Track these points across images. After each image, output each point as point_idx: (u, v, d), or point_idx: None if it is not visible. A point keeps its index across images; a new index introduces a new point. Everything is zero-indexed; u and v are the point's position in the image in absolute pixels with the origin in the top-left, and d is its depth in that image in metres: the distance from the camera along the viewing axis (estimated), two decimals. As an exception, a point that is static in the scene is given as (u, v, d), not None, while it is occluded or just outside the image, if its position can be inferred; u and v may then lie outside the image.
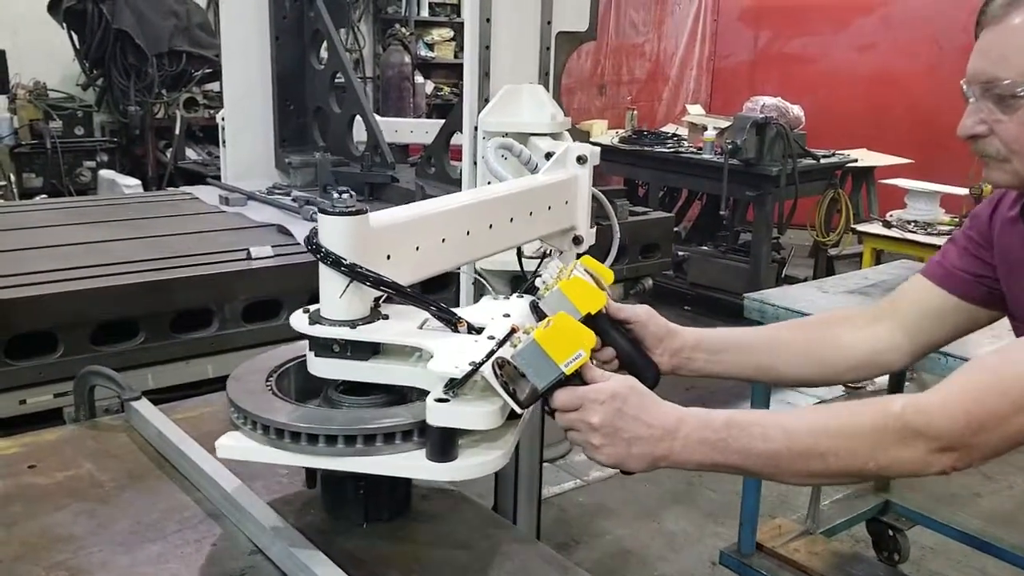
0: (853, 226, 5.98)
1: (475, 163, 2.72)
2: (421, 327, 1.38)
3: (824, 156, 6.52)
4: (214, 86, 6.55)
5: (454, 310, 1.38)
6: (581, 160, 1.83)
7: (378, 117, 3.94)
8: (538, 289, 1.49)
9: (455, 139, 3.30)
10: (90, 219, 3.10)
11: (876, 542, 3.78)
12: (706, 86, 9.42)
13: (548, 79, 2.94)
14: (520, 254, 2.03)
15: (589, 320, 1.42)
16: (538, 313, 1.45)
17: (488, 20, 2.79)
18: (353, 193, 3.16)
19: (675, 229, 7.10)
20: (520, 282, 2.68)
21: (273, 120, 3.93)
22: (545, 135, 2.57)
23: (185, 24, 6.87)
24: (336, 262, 1.27)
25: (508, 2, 2.80)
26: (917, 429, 1.22)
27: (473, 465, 1.27)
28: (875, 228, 5.40)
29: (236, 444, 1.33)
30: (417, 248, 1.42)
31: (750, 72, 9.27)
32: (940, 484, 4.38)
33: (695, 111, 7.44)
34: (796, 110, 6.34)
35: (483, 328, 1.35)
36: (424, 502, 1.60)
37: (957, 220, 5.41)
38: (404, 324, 1.37)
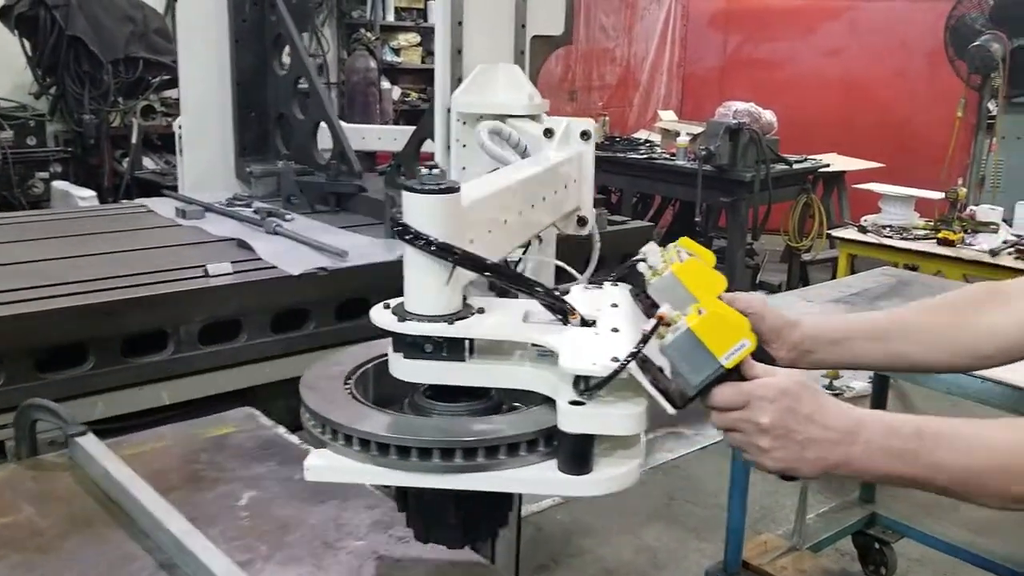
0: (829, 231, 5.92)
1: (448, 147, 2.59)
2: (524, 320, 1.24)
3: (796, 161, 6.49)
4: (172, 93, 6.35)
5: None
6: (585, 136, 1.72)
7: (344, 124, 3.79)
8: (640, 275, 1.34)
9: (426, 146, 3.15)
10: (36, 235, 2.92)
11: (863, 555, 3.73)
12: (677, 91, 9.35)
13: (523, 84, 2.81)
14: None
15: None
16: (643, 302, 1.32)
17: (460, 23, 2.66)
18: (438, 164, 2.99)
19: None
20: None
21: (233, 128, 3.76)
22: (523, 117, 2.42)
23: (142, 30, 6.66)
24: (444, 249, 1.12)
25: (480, 5, 2.68)
26: None
27: (612, 477, 1.13)
28: (850, 233, 5.34)
29: (328, 464, 1.16)
30: (490, 231, 1.29)
31: (720, 77, 9.22)
32: (925, 495, 4.29)
33: (667, 117, 7.37)
34: (768, 115, 6.28)
35: (594, 321, 1.22)
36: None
37: (932, 224, 5.37)
38: (503, 317, 1.23)
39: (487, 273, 1.19)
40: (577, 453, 1.12)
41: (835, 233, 5.54)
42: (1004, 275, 4.76)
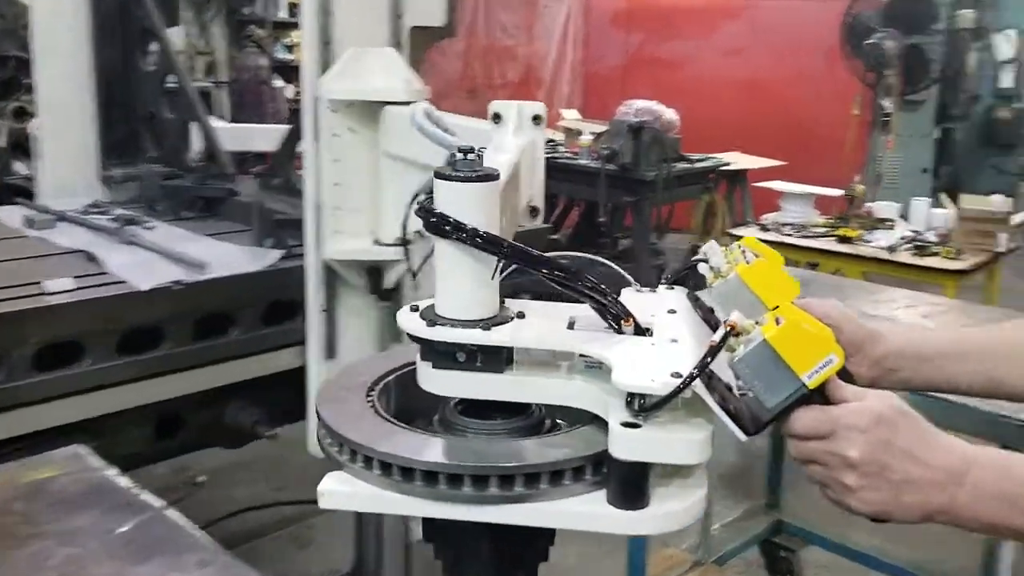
0: (729, 230, 5.88)
1: (316, 139, 2.42)
2: (570, 327, 1.10)
3: (699, 160, 6.44)
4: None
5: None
6: (537, 120, 1.58)
7: (222, 123, 3.55)
8: (702, 278, 1.19)
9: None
10: None
11: (769, 564, 3.64)
12: (579, 90, 9.26)
13: (403, 78, 2.62)
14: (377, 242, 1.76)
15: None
16: (701, 308, 1.18)
17: (328, 12, 2.45)
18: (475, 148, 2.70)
19: (554, 237, 6.89)
20: (376, 273, 2.33)
21: (95, 128, 3.46)
22: (400, 103, 2.31)
23: (13, 26, 6.25)
24: (492, 242, 1.00)
25: (350, -3, 2.48)
26: None
27: (672, 513, 0.98)
28: (751, 232, 5.28)
29: (345, 490, 1.02)
30: (505, 219, 1.15)
31: (623, 76, 9.17)
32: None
33: (571, 116, 7.26)
34: (670, 114, 6.21)
35: (650, 329, 1.08)
36: None
37: (831, 221, 5.37)
38: (547, 323, 1.10)
39: (541, 270, 1.04)
40: (631, 483, 0.96)
41: (737, 232, 5.49)
42: (902, 271, 4.77)
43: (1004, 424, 2.04)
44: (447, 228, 1.02)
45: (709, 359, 0.95)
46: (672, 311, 1.16)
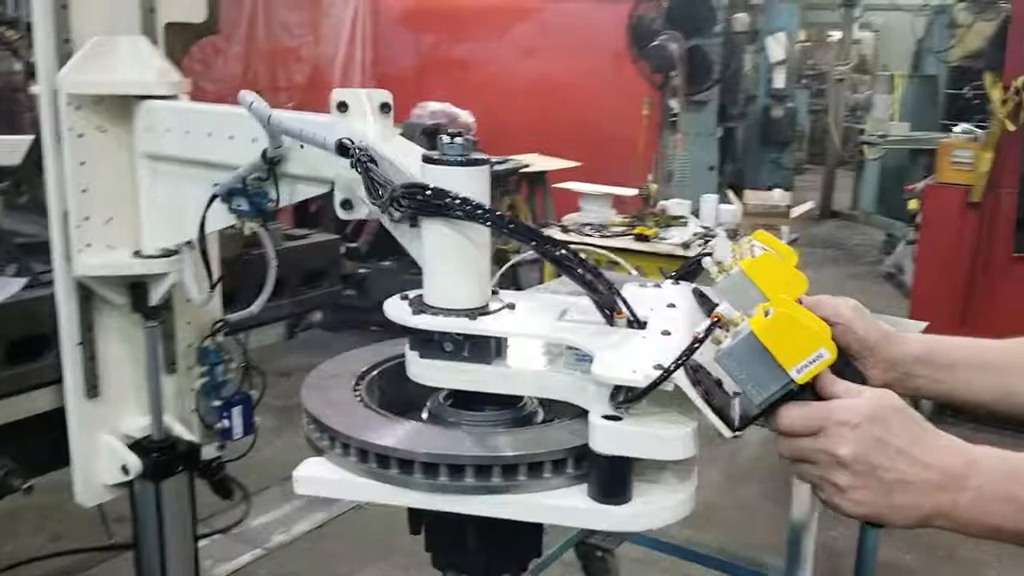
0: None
1: (58, 141, 2.12)
2: (560, 319, 1.10)
3: (498, 162, 6.38)
4: None
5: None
6: (385, 108, 1.48)
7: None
8: (702, 272, 1.19)
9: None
10: None
11: (585, 566, 3.64)
12: (372, 93, 8.98)
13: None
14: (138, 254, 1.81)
15: None
16: (706, 304, 1.17)
17: (64, 6, 2.14)
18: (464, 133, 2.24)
19: (354, 245, 6.65)
20: (140, 289, 2.17)
21: None
22: (157, 97, 2.08)
23: None
24: (496, 217, 1.01)
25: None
26: None
27: (654, 511, 0.97)
28: (554, 233, 5.27)
29: (321, 475, 1.03)
30: None
31: (417, 78, 9.01)
32: (639, 492, 4.31)
33: (363, 119, 7.01)
34: (465, 115, 6.13)
35: (646, 322, 1.07)
36: None
37: (628, 220, 5.46)
38: (536, 314, 1.11)
39: (543, 248, 1.05)
40: (610, 478, 0.95)
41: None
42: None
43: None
44: (447, 204, 1.02)
45: (692, 350, 0.93)
46: (671, 305, 1.15)
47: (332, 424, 1.04)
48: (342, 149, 1.28)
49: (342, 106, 1.49)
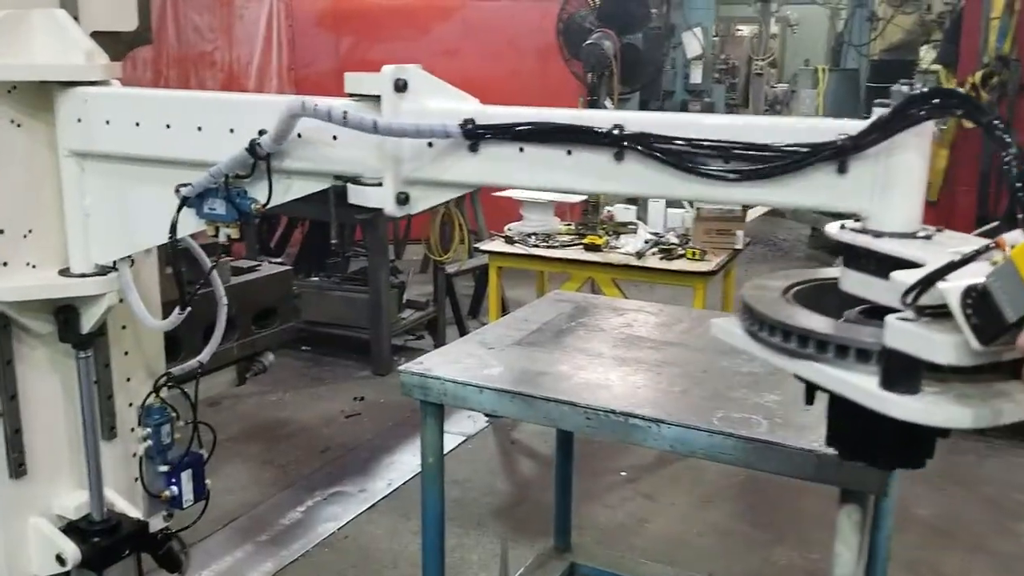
0: (476, 245, 5.59)
1: None
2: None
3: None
4: None
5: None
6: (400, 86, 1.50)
7: None
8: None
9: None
10: None
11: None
12: (290, 98, 8.55)
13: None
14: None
15: None
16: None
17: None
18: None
19: (278, 261, 6.25)
20: (70, 314, 1.96)
21: None
22: (83, 84, 1.83)
23: None
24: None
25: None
26: None
27: (932, 408, 1.08)
28: (498, 245, 5.02)
29: (727, 329, 1.29)
30: None
31: (337, 81, 8.56)
32: (607, 516, 4.09)
33: (284, 127, 6.61)
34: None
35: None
36: None
37: (572, 227, 5.24)
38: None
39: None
40: (896, 370, 1.09)
41: (483, 247, 5.20)
42: (652, 276, 4.71)
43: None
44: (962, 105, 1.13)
45: (959, 263, 1.05)
46: None
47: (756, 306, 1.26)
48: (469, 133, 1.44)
49: (401, 84, 1.48)
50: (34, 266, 1.94)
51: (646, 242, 4.79)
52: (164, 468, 2.30)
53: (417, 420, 2.47)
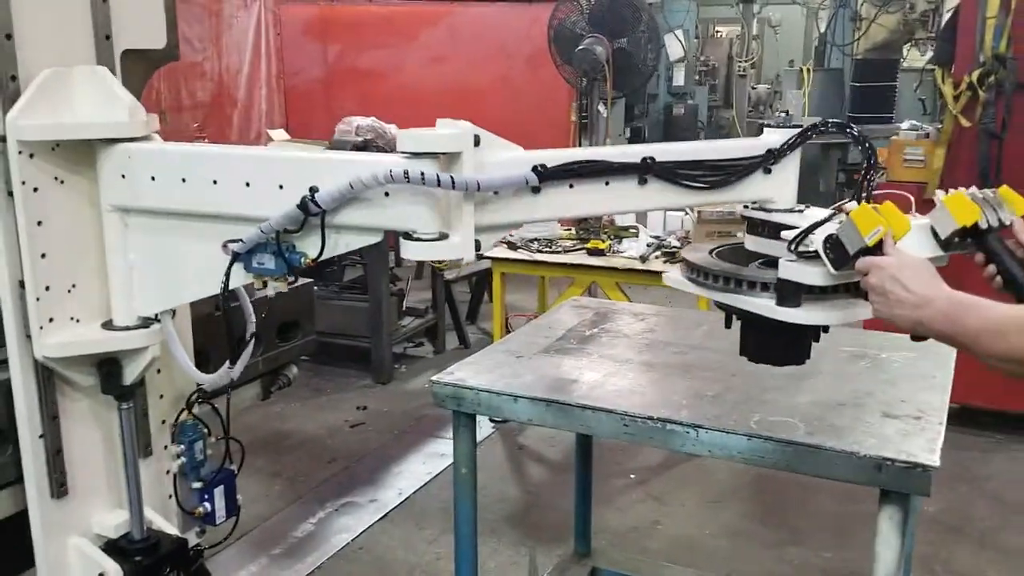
0: (479, 252, 5.58)
1: (9, 197, 1.82)
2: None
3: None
4: None
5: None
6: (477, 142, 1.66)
7: None
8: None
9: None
10: None
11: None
12: (280, 107, 8.53)
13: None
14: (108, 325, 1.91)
15: (978, 237, 1.66)
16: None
17: (8, 36, 1.78)
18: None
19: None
20: (112, 367, 2.01)
21: None
22: (131, 140, 1.86)
23: None
24: None
25: (39, 11, 1.83)
26: None
27: (809, 314, 1.73)
28: (502, 251, 5.02)
29: (675, 278, 1.97)
30: None
31: (325, 89, 8.60)
32: (618, 519, 4.11)
33: (279, 136, 6.59)
34: (393, 129, 5.80)
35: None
36: None
37: (572, 232, 5.25)
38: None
39: None
40: (786, 292, 1.73)
41: (488, 253, 5.20)
42: (657, 279, 4.71)
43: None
44: None
45: (820, 221, 1.70)
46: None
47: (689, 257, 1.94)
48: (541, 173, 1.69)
49: (476, 140, 1.64)
50: (77, 320, 1.94)
51: (648, 246, 4.81)
52: (198, 485, 2.30)
53: (422, 428, 2.49)
